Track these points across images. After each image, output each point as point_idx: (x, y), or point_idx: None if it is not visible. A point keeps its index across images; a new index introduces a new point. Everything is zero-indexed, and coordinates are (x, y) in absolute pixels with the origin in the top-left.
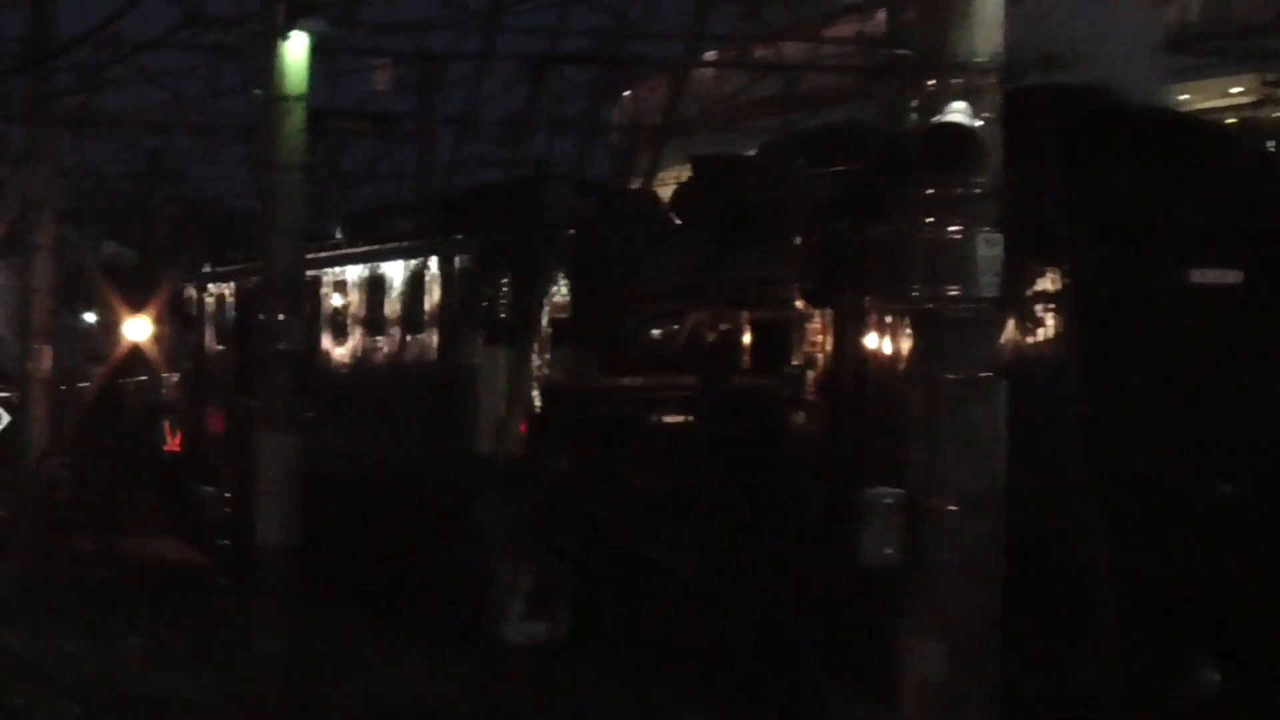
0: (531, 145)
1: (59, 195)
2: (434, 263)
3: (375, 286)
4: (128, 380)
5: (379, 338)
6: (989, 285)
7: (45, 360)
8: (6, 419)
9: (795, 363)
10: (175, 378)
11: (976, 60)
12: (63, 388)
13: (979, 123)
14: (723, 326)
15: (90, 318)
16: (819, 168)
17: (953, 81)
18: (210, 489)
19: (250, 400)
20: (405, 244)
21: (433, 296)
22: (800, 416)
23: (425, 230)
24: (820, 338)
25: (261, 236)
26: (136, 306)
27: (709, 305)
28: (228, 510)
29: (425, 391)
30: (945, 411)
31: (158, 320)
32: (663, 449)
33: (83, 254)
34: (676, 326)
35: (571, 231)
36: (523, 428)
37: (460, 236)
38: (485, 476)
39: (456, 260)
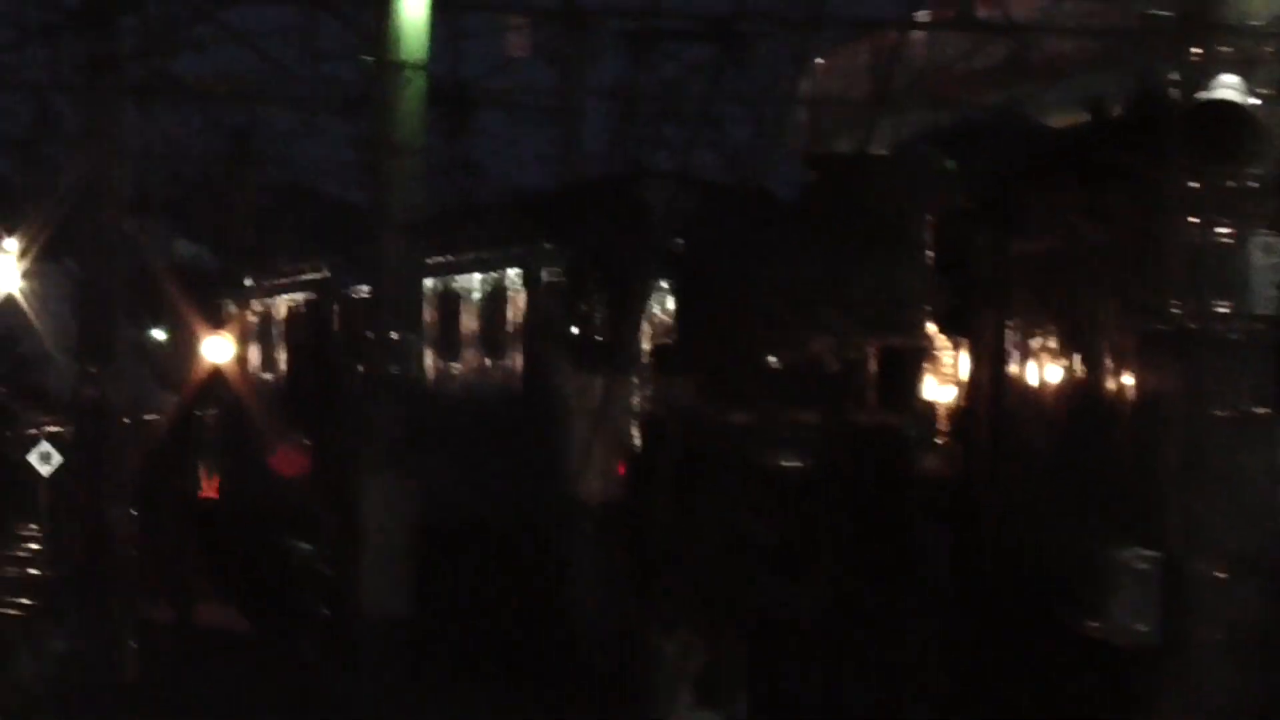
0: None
1: (122, 182)
2: (515, 274)
3: (445, 303)
4: (206, 411)
5: (452, 364)
6: (1267, 300)
7: (105, 386)
8: (58, 459)
9: (926, 396)
10: (210, 411)
11: (1253, 23)
12: (126, 420)
13: (1255, 100)
14: (845, 353)
15: (160, 334)
16: (958, 170)
17: (1222, 49)
18: (305, 545)
19: (329, 436)
20: (482, 253)
21: (513, 314)
22: (928, 457)
23: (505, 237)
24: (956, 367)
25: (370, 233)
26: (217, 320)
27: (831, 329)
28: (327, 571)
29: (503, 424)
30: (1212, 456)
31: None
32: (774, 491)
33: (151, 254)
34: (792, 352)
35: (676, 238)
36: (618, 466)
37: (547, 244)
38: (575, 524)
39: (542, 272)
